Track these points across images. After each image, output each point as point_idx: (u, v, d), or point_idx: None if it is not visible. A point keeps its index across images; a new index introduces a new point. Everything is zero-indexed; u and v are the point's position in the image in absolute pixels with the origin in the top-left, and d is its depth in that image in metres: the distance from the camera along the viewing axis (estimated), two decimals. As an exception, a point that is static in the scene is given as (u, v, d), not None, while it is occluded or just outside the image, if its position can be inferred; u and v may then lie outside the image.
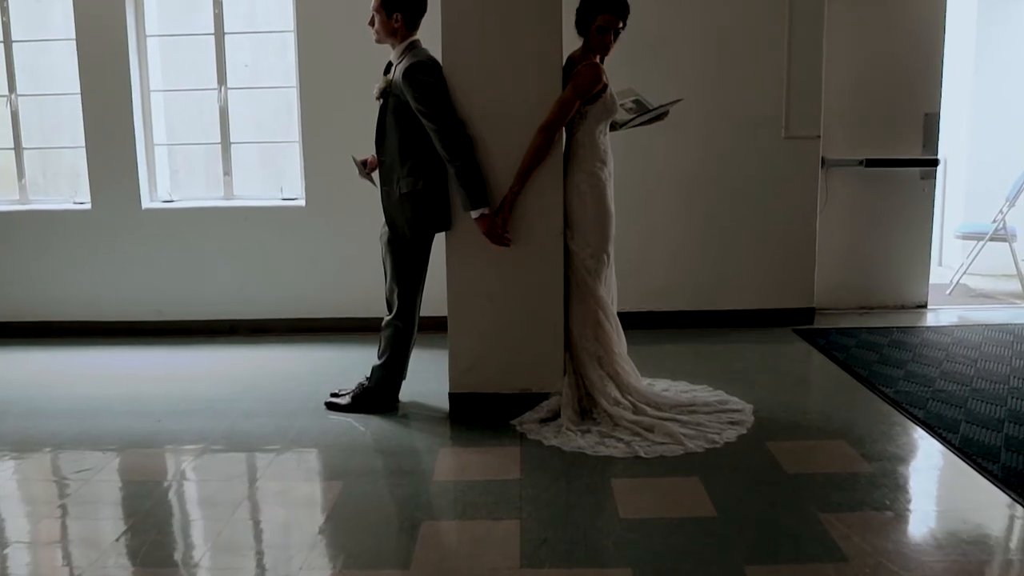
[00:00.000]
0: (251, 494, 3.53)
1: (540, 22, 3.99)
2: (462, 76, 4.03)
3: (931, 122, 6.15)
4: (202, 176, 6.39)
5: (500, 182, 4.05)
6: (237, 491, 3.57)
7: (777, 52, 5.70)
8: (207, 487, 3.66)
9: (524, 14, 3.99)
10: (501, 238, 4.05)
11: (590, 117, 4.05)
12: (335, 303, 5.87)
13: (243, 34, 6.00)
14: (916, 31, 6.04)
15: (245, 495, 3.53)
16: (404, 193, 4.11)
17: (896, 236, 6.26)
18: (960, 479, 3.55)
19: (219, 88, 5.96)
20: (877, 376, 4.78)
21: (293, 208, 5.94)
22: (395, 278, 4.24)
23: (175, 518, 3.38)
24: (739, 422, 4.12)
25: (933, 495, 3.53)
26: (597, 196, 4.13)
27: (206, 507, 3.52)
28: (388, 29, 4.08)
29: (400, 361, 4.35)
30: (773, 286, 5.92)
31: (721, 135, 5.79)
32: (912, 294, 6.36)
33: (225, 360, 5.48)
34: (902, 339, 5.54)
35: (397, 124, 4.07)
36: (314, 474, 3.75)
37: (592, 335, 4.18)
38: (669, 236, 5.89)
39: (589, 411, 4.16)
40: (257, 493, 3.55)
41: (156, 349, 5.73)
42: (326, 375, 5.00)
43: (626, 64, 4.64)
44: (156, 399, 4.69)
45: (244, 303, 5.97)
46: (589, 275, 4.16)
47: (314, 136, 5.78)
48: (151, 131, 6.00)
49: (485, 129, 4.04)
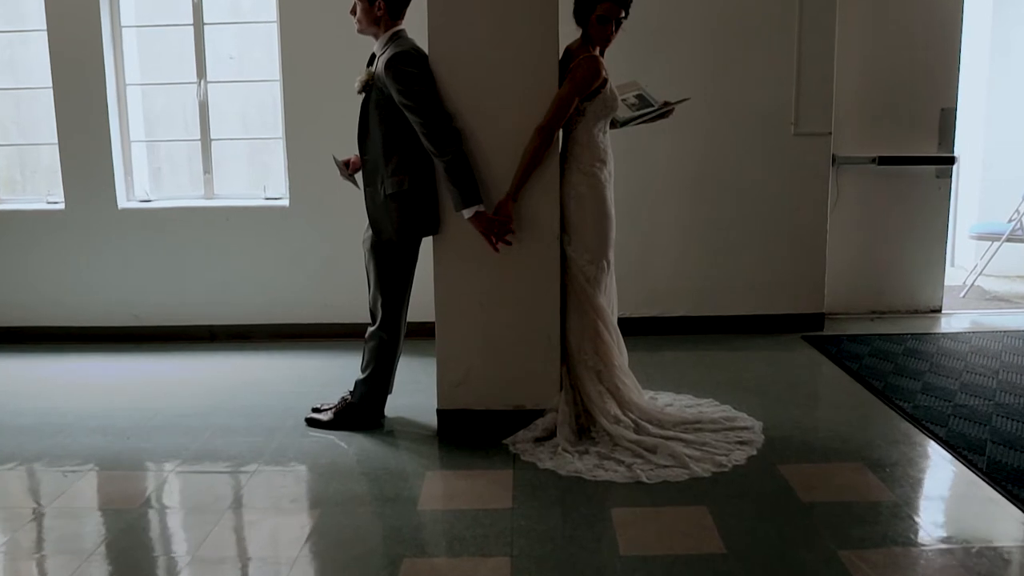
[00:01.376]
0: (217, 525, 3.24)
1: (534, 7, 3.69)
2: (450, 66, 3.73)
3: (947, 118, 5.86)
4: (186, 174, 6.09)
5: (494, 178, 3.76)
6: (203, 522, 3.28)
7: (786, 43, 5.41)
8: (171, 517, 3.38)
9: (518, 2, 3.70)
10: (504, 231, 3.74)
11: (589, 114, 3.76)
12: (320, 308, 5.59)
13: (224, 24, 5.69)
14: (932, 21, 5.75)
15: (212, 526, 3.23)
16: (389, 194, 3.81)
17: (910, 238, 5.97)
18: (990, 509, 3.27)
19: (199, 82, 5.66)
20: (893, 389, 4.50)
21: (276, 208, 5.64)
22: (379, 286, 3.95)
23: (132, 554, 3.09)
24: (748, 441, 3.83)
25: (963, 528, 3.22)
26: (596, 198, 3.84)
27: (166, 541, 3.24)
28: (371, 18, 3.79)
29: (385, 375, 4.07)
30: (781, 290, 5.63)
31: (726, 131, 5.50)
32: (926, 298, 6.07)
33: (203, 369, 5.19)
34: (917, 347, 5.25)
35: (381, 120, 3.78)
36: (288, 502, 3.45)
37: (591, 347, 3.90)
38: (671, 237, 5.60)
39: (587, 429, 3.88)
40: (224, 525, 3.26)
41: (132, 357, 5.44)
42: (309, 386, 4.72)
43: (625, 55, 4.35)
44: (127, 413, 4.40)
45: (225, 308, 5.69)
46: (588, 283, 3.88)
47: (298, 132, 5.49)
48: (127, 127, 5.70)
49: (476, 122, 3.75)
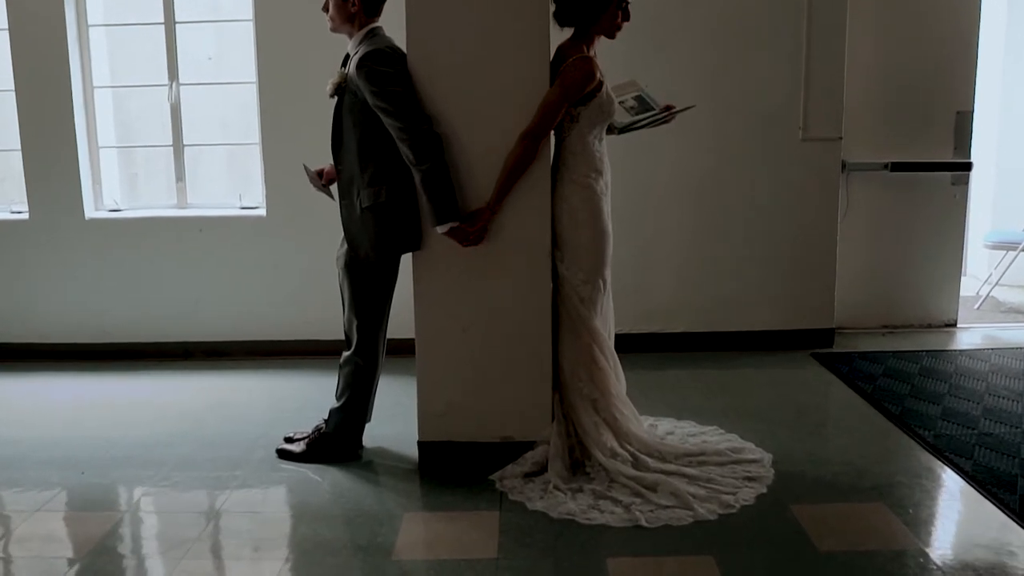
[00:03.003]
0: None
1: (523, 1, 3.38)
2: (430, 65, 3.41)
3: (963, 121, 5.54)
4: (163, 181, 5.75)
5: (477, 189, 3.45)
6: (154, 574, 2.96)
7: (794, 42, 5.08)
8: (118, 568, 3.04)
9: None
10: (479, 240, 3.45)
11: (583, 120, 3.44)
12: (300, 324, 5.26)
13: (196, 23, 5.36)
14: (948, 18, 5.42)
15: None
16: (366, 207, 3.49)
17: (924, 248, 5.65)
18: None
19: (170, 84, 5.34)
20: (911, 415, 4.18)
21: (253, 218, 5.31)
22: (355, 307, 3.62)
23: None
24: (757, 477, 3.51)
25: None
26: (591, 212, 3.52)
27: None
28: (344, 14, 3.47)
29: (361, 404, 3.74)
30: (788, 305, 5.31)
31: (730, 136, 5.17)
32: (940, 311, 5.75)
33: (174, 390, 4.87)
34: (934, 366, 4.93)
35: (355, 126, 3.46)
36: (250, 550, 3.12)
37: (586, 374, 3.58)
38: (672, 249, 5.28)
39: (582, 463, 3.55)
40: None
41: (99, 376, 5.11)
42: (284, 410, 4.41)
43: (624, 55, 4.04)
44: (87, 442, 4.07)
45: (199, 324, 5.36)
46: (582, 304, 3.55)
47: (275, 138, 5.16)
48: (95, 132, 5.37)
49: (458, 128, 3.43)
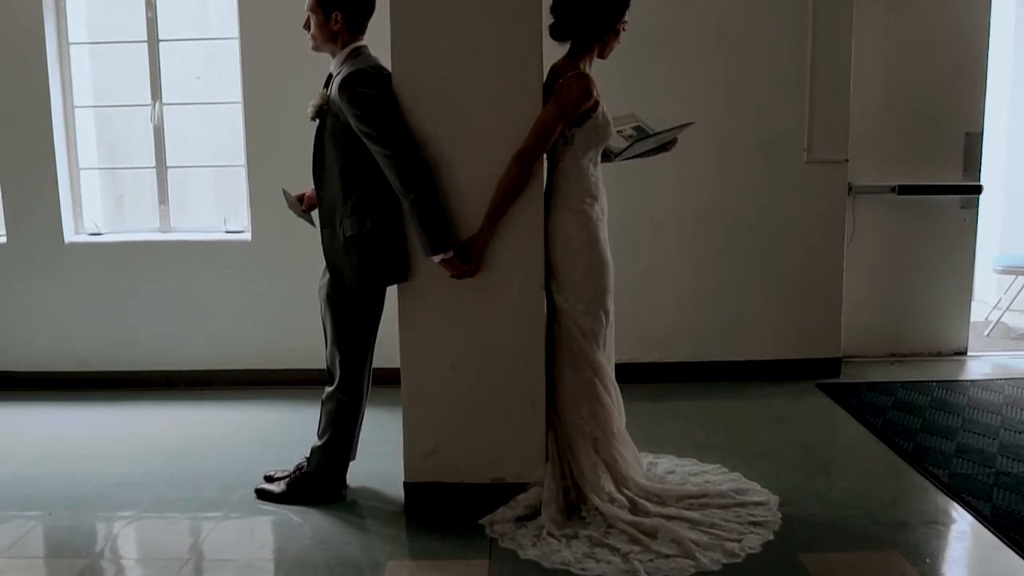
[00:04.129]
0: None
1: (515, 17, 3.20)
2: (416, 86, 3.23)
3: (973, 143, 5.37)
4: (150, 203, 5.55)
5: (469, 216, 3.26)
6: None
7: (798, 62, 4.91)
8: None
9: (494, 7, 3.20)
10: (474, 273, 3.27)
11: (577, 142, 3.26)
12: (286, 353, 5.06)
13: (180, 41, 5.19)
14: (956, 37, 5.26)
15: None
16: (349, 236, 3.30)
17: (932, 273, 5.45)
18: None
19: (153, 104, 5.16)
20: (924, 452, 3.98)
21: (238, 243, 5.13)
22: (337, 342, 3.43)
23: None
24: (763, 522, 3.30)
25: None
26: (588, 239, 3.33)
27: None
28: (326, 33, 3.29)
29: (344, 442, 3.54)
30: (793, 333, 5.12)
31: (732, 158, 4.99)
32: (950, 339, 5.55)
33: (153, 422, 4.67)
34: (946, 398, 4.74)
35: (338, 150, 3.27)
36: (220, 604, 2.93)
37: (587, 411, 3.37)
38: (672, 274, 5.08)
39: (577, 507, 3.35)
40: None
41: (77, 407, 4.91)
42: (267, 445, 4.22)
43: (620, 77, 3.87)
44: (58, 480, 3.87)
45: (182, 352, 5.16)
46: (583, 336, 3.36)
47: (262, 160, 4.99)
48: (75, 153, 5.19)
49: (448, 152, 3.25)
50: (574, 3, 3.23)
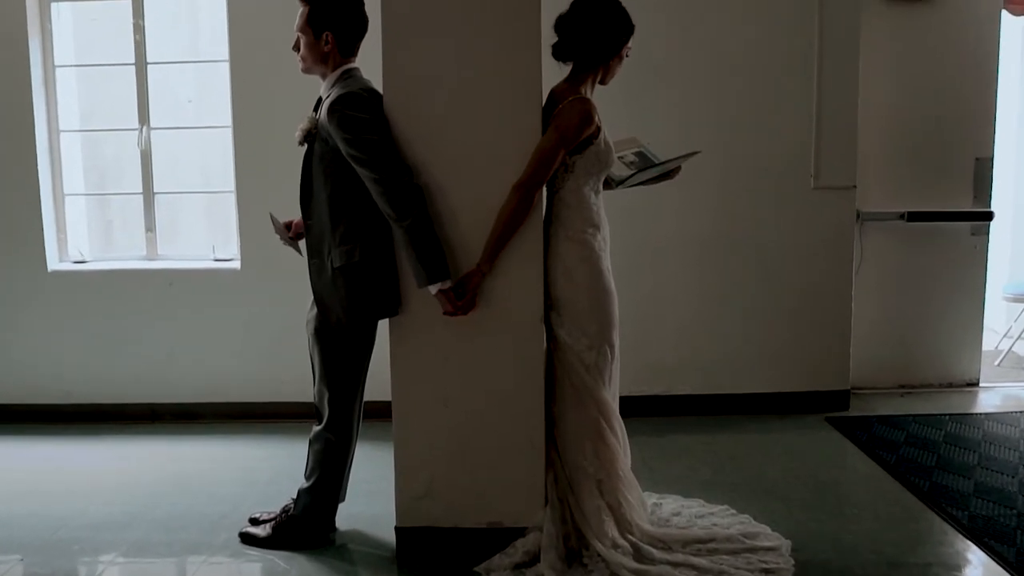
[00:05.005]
0: None
1: (513, 37, 3.05)
2: (409, 109, 3.08)
3: (983, 168, 5.23)
4: (140, 229, 5.39)
5: (465, 246, 3.10)
6: None
7: (804, 85, 4.77)
8: None
9: (491, 26, 3.05)
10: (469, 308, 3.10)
11: (579, 170, 3.10)
12: (274, 385, 4.88)
13: (168, 64, 5.05)
14: (965, 61, 5.13)
15: None
16: (337, 267, 3.14)
17: (942, 302, 5.30)
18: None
19: (140, 128, 5.02)
20: (941, 492, 3.81)
21: (226, 271, 4.96)
22: (326, 378, 3.26)
23: None
24: (775, 570, 3.13)
25: None
26: (590, 271, 3.17)
27: None
28: (316, 54, 3.15)
29: (333, 484, 3.36)
30: (801, 365, 4.95)
31: (737, 184, 4.84)
32: (961, 370, 5.39)
33: (138, 456, 4.50)
34: (960, 432, 4.57)
35: (326, 177, 3.12)
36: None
37: (591, 451, 3.20)
38: (675, 304, 4.92)
39: (578, 553, 3.16)
40: None
41: (58, 441, 4.73)
42: (254, 483, 4.04)
43: (621, 99, 3.72)
44: (31, 521, 3.69)
45: (168, 384, 4.98)
46: (588, 373, 3.19)
47: (251, 186, 4.83)
48: (60, 178, 5.04)
49: (442, 178, 3.09)
50: (579, 23, 3.09)
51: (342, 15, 3.12)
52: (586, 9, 3.11)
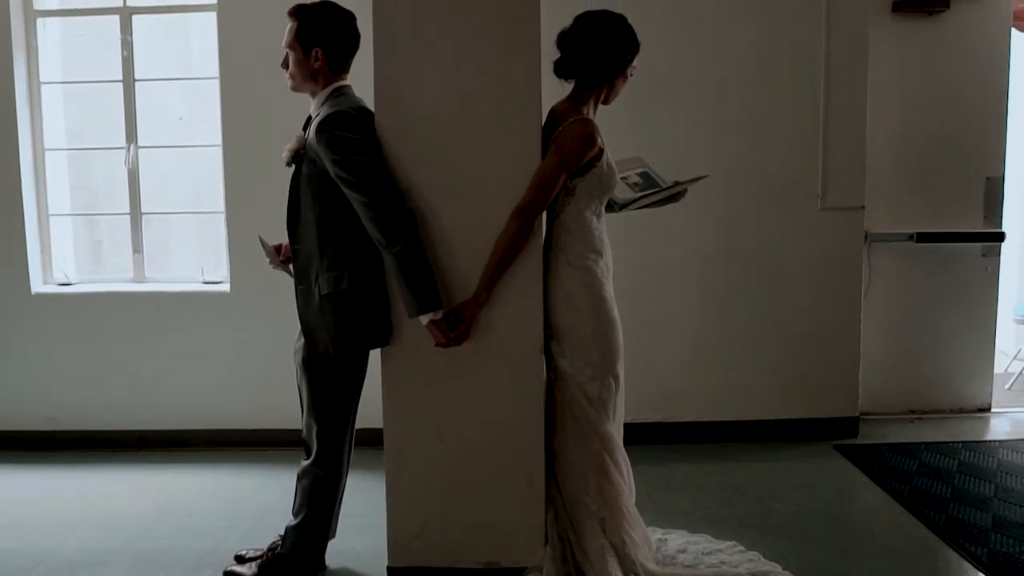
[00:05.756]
0: None
1: (512, 54, 2.92)
2: (402, 129, 2.95)
3: (994, 188, 5.10)
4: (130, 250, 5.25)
5: (459, 273, 2.96)
6: None
7: (811, 103, 4.65)
8: None
9: (488, 43, 2.92)
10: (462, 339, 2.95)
11: (580, 193, 2.96)
12: (265, 412, 4.71)
13: (156, 81, 4.92)
14: (975, 78, 5.01)
15: None
16: (325, 294, 2.99)
17: (953, 325, 5.15)
18: None
19: (128, 147, 4.88)
20: (958, 526, 3.65)
21: (216, 294, 4.82)
22: (314, 411, 3.10)
23: None
24: (787, 613, 2.97)
25: None
26: (592, 298, 3.03)
27: None
28: (306, 71, 3.01)
29: (322, 522, 3.20)
30: (808, 391, 4.79)
31: (742, 205, 4.70)
32: (972, 395, 5.24)
33: (122, 486, 4.34)
34: (974, 461, 4.41)
35: (314, 199, 2.98)
36: None
37: (595, 487, 3.05)
38: (678, 329, 4.77)
39: (580, 595, 3.01)
40: None
41: (42, 469, 4.57)
42: (241, 516, 3.89)
43: (626, 118, 3.59)
44: (7, 558, 3.54)
45: (155, 410, 4.82)
46: (591, 405, 3.03)
47: (242, 207, 4.69)
48: (45, 198, 4.91)
49: (435, 202, 2.96)
50: (583, 39, 2.96)
51: (332, 30, 2.98)
52: (590, 25, 2.98)
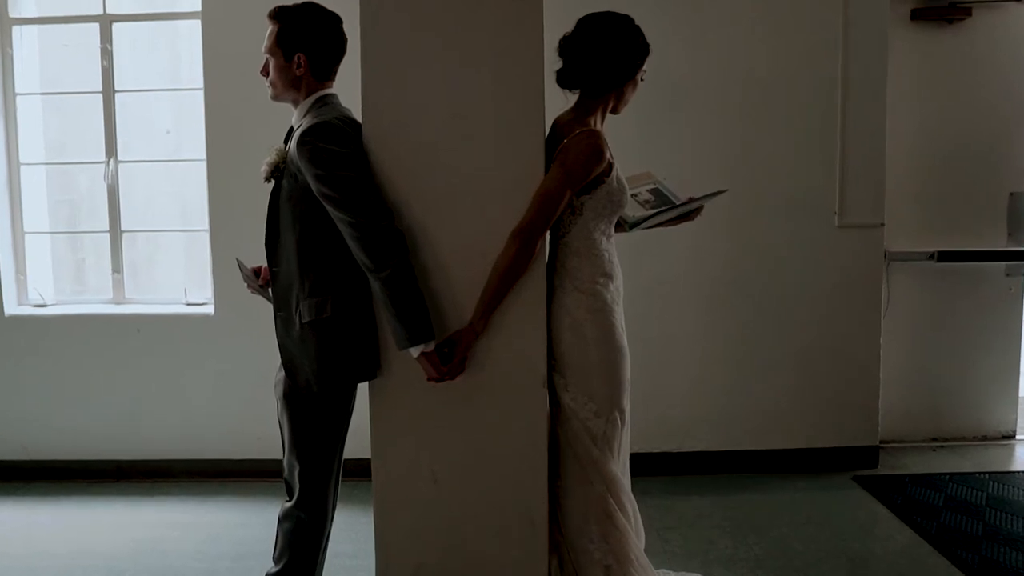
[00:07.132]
0: None
1: (512, 60, 2.66)
2: (392, 141, 2.69)
3: (1018, 204, 4.87)
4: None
5: (454, 300, 2.70)
6: None
7: (828, 116, 4.42)
8: None
9: (487, 48, 2.67)
10: (457, 372, 2.70)
11: (588, 212, 2.71)
12: (251, 441, 4.47)
13: (139, 92, 4.68)
14: (997, 92, 4.79)
15: None
16: (307, 322, 2.73)
17: (976, 348, 4.91)
18: None
19: (107, 161, 4.64)
20: (994, 569, 3.39)
21: (199, 317, 4.57)
22: (296, 450, 2.83)
23: None
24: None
25: None
26: (601, 326, 2.77)
27: None
28: (287, 79, 2.75)
29: (306, 568, 2.91)
30: (825, 418, 4.55)
31: (756, 223, 4.47)
32: (996, 422, 4.99)
33: (98, 522, 4.08)
34: (1004, 495, 4.15)
35: (295, 218, 2.71)
36: None
37: (598, 532, 2.78)
38: (689, 353, 4.53)
39: (586, 651, 2.74)
40: None
41: (12, 502, 4.32)
42: (220, 557, 3.65)
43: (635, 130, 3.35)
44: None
45: (135, 439, 4.57)
46: (595, 444, 2.78)
47: (227, 225, 4.45)
48: (20, 215, 4.67)
49: (427, 221, 2.69)
50: (587, 45, 2.71)
51: (316, 34, 2.73)
52: (594, 29, 2.73)
